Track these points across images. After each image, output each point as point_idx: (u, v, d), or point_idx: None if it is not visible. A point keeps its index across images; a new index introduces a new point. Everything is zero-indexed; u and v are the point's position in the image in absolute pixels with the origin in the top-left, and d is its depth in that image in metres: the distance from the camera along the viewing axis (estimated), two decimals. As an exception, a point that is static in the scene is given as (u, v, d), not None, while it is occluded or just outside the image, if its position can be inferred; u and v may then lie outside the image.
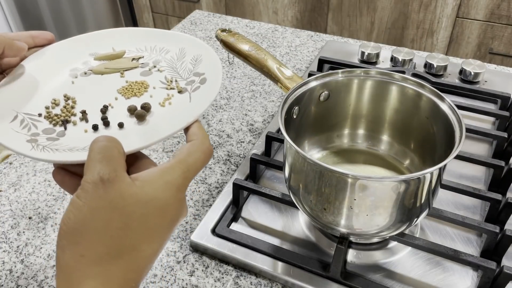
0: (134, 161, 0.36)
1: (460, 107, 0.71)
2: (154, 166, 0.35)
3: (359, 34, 1.83)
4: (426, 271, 0.52)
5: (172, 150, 0.73)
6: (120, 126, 0.40)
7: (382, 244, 0.55)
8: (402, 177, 0.45)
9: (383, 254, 0.54)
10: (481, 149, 0.69)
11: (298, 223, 0.58)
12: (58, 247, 0.31)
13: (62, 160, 0.35)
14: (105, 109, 0.42)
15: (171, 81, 0.45)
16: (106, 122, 0.40)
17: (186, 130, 0.37)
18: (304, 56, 0.96)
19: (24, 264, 0.56)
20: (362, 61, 0.90)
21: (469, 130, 0.67)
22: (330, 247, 0.55)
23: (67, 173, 0.36)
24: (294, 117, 0.55)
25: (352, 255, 0.54)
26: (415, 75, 0.80)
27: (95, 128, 0.40)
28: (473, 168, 0.64)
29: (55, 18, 2.09)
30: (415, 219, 0.48)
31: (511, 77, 0.84)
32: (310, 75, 0.65)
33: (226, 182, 0.66)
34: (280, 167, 0.62)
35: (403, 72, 0.80)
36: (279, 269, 0.53)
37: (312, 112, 0.58)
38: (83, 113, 0.42)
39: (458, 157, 0.61)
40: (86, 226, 0.30)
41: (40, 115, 0.41)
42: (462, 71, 0.83)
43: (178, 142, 0.74)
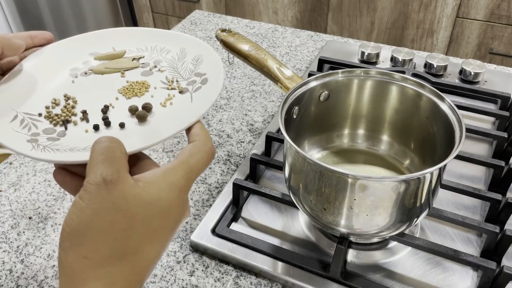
0: (135, 161, 0.36)
1: (460, 107, 0.71)
2: (156, 167, 0.35)
3: (359, 34, 1.83)
4: (426, 271, 0.52)
5: (172, 150, 0.73)
6: (121, 126, 0.40)
7: (382, 244, 0.55)
8: (402, 177, 0.45)
9: (383, 254, 0.54)
10: (481, 149, 0.69)
11: (298, 223, 0.58)
12: (61, 249, 0.30)
13: (63, 160, 0.35)
14: (106, 109, 0.42)
15: (172, 81, 0.45)
16: (107, 122, 0.40)
17: (188, 130, 0.37)
18: (304, 56, 0.96)
19: (24, 264, 0.56)
20: (362, 61, 0.90)
21: (469, 130, 0.67)
22: (330, 247, 0.55)
23: (68, 173, 0.36)
24: (294, 117, 0.55)
25: (352, 255, 0.54)
26: (415, 75, 0.80)
27: (96, 128, 0.40)
28: (473, 168, 0.64)
29: (55, 18, 2.10)
30: (415, 219, 0.48)
31: (511, 77, 0.84)
32: (310, 75, 0.65)
33: (226, 182, 0.66)
34: (280, 167, 0.62)
35: (403, 72, 0.80)
36: (279, 269, 0.53)
37: (312, 112, 0.58)
38: (84, 113, 0.41)
39: (458, 157, 0.61)
40: (89, 227, 0.30)
41: (40, 115, 0.41)
42: (462, 71, 0.83)
43: (178, 142, 0.74)
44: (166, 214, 0.32)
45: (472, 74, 0.82)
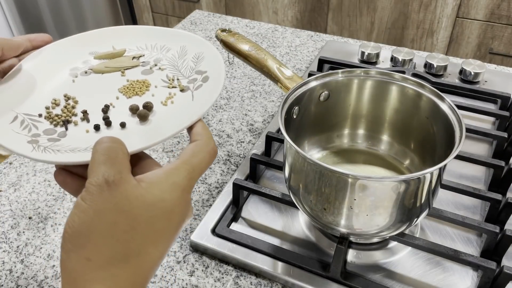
0: (137, 161, 0.35)
1: (460, 107, 0.71)
2: (157, 167, 0.35)
3: (359, 34, 1.83)
4: (426, 271, 0.52)
5: (172, 150, 0.73)
6: (122, 126, 0.40)
7: (382, 244, 0.55)
8: (402, 177, 0.45)
9: (383, 254, 0.54)
10: (481, 149, 0.69)
11: (298, 223, 0.58)
12: (63, 250, 0.30)
13: (64, 161, 0.35)
14: (106, 108, 0.41)
15: (173, 79, 0.45)
16: (108, 122, 0.40)
17: (190, 129, 0.37)
18: (304, 56, 0.96)
19: (24, 264, 0.56)
20: (362, 61, 0.90)
21: (469, 130, 0.67)
22: (330, 247, 0.55)
23: (69, 174, 0.36)
24: (294, 117, 0.55)
25: (352, 255, 0.54)
26: (415, 75, 0.80)
27: (97, 128, 0.40)
28: (473, 168, 0.64)
29: (55, 18, 2.10)
30: (415, 219, 0.48)
31: (511, 77, 0.84)
32: (310, 75, 0.65)
33: (226, 182, 0.66)
34: (280, 167, 0.62)
35: (403, 72, 0.80)
36: (279, 269, 0.53)
37: (312, 112, 0.58)
38: (84, 113, 0.41)
39: (458, 157, 0.61)
40: (91, 229, 0.29)
41: (40, 116, 0.41)
42: (462, 71, 0.83)
43: (178, 142, 0.74)
44: (169, 215, 0.32)
45: (472, 74, 0.82)
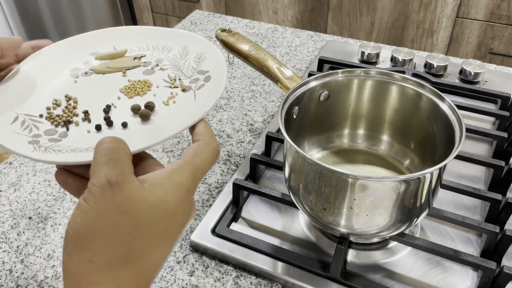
0: (138, 161, 0.35)
1: (460, 107, 0.71)
2: (160, 167, 0.35)
3: (359, 34, 1.83)
4: (426, 271, 0.52)
5: (172, 150, 0.73)
6: (123, 126, 0.39)
7: (382, 244, 0.55)
8: (402, 177, 0.45)
9: (383, 254, 0.54)
10: (481, 149, 0.69)
11: (298, 223, 0.58)
12: (65, 252, 0.30)
13: (65, 161, 0.35)
14: (108, 108, 0.41)
15: (175, 79, 0.44)
16: (109, 122, 0.40)
17: (192, 129, 0.36)
18: (304, 56, 0.96)
19: (24, 264, 0.56)
20: (362, 61, 0.90)
21: (469, 130, 0.67)
22: (330, 247, 0.55)
23: (70, 174, 0.36)
24: (294, 117, 0.55)
25: (352, 255, 0.54)
26: (415, 75, 0.80)
27: (98, 128, 0.39)
28: (473, 168, 0.64)
29: (55, 18, 2.10)
30: (415, 219, 0.48)
31: (511, 77, 0.84)
32: (310, 75, 0.65)
33: (226, 182, 0.66)
34: (280, 167, 0.62)
35: (403, 72, 0.80)
36: (279, 269, 0.53)
37: (312, 112, 0.58)
38: (86, 113, 0.41)
39: (458, 157, 0.61)
40: (94, 230, 0.29)
41: (41, 116, 0.41)
42: (462, 71, 0.83)
43: (178, 142, 0.74)
44: (173, 216, 0.32)
45: (472, 74, 0.82)
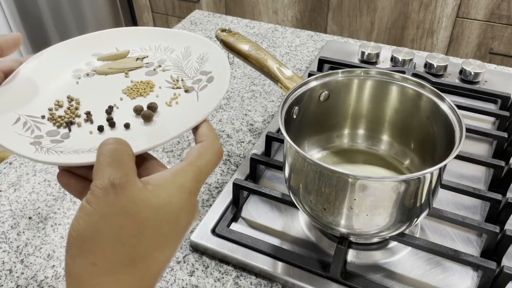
0: (141, 162, 0.35)
1: (460, 107, 0.71)
2: (162, 168, 0.35)
3: (359, 34, 1.83)
4: (426, 271, 0.52)
5: (172, 150, 0.73)
6: (126, 127, 0.39)
7: (382, 244, 0.55)
8: (402, 177, 0.45)
9: (383, 254, 0.54)
10: (481, 149, 0.69)
11: (298, 223, 0.58)
12: (68, 255, 0.29)
13: (68, 162, 0.34)
14: (110, 109, 0.41)
15: (177, 80, 0.44)
16: (111, 123, 0.39)
17: (195, 130, 0.36)
18: (304, 56, 0.96)
19: (24, 264, 0.56)
20: (362, 61, 0.90)
21: (469, 130, 0.67)
22: (330, 247, 0.55)
23: (72, 175, 0.35)
24: (294, 117, 0.55)
25: (352, 255, 0.54)
26: (415, 75, 0.80)
27: (101, 129, 0.39)
28: (473, 168, 0.64)
29: (55, 18, 2.10)
30: (415, 219, 0.48)
31: (511, 77, 0.84)
32: (310, 75, 0.65)
33: (226, 182, 0.66)
34: (280, 167, 0.62)
35: (403, 72, 0.80)
36: (279, 269, 0.53)
37: (312, 112, 0.58)
38: (88, 114, 0.41)
39: (458, 157, 0.61)
40: (97, 233, 0.29)
41: (43, 117, 0.40)
42: (462, 71, 0.83)
43: (178, 142, 0.74)
44: (176, 218, 0.31)
45: (472, 74, 0.82)
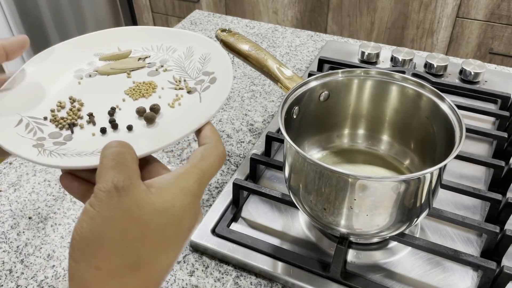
0: (144, 164, 0.35)
1: (460, 107, 0.71)
2: (166, 170, 0.35)
3: (359, 34, 1.83)
4: (426, 271, 0.52)
5: (171, 150, 0.73)
6: (129, 128, 0.39)
7: (382, 244, 0.55)
8: (402, 177, 0.45)
9: (383, 254, 0.54)
10: (481, 149, 0.69)
11: (298, 223, 0.58)
12: (71, 258, 0.29)
13: (71, 165, 0.34)
14: (112, 111, 0.41)
15: (180, 80, 0.44)
16: (114, 125, 0.39)
17: (198, 132, 0.36)
18: (304, 56, 0.96)
19: (24, 264, 0.56)
20: (362, 61, 0.90)
21: (469, 130, 0.67)
22: (330, 247, 0.55)
23: (75, 178, 0.35)
24: (294, 117, 0.55)
25: (352, 255, 0.54)
26: (415, 75, 0.80)
27: (103, 131, 0.39)
28: (473, 168, 0.64)
29: (55, 18, 2.09)
30: (415, 219, 0.48)
31: (511, 77, 0.84)
32: (310, 75, 0.65)
33: (226, 182, 0.66)
34: (280, 167, 0.62)
35: (403, 72, 0.80)
36: (279, 269, 0.53)
37: (312, 112, 0.58)
38: (90, 115, 0.41)
39: (458, 157, 0.61)
40: (101, 236, 0.28)
41: (45, 119, 0.40)
42: (462, 71, 0.83)
43: (178, 142, 0.74)
44: (180, 222, 0.31)
45: (472, 74, 0.82)
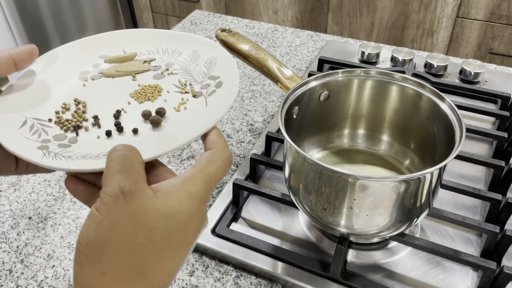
0: (149, 168, 0.34)
1: (460, 107, 0.71)
2: (171, 175, 0.34)
3: (359, 34, 1.83)
4: (426, 271, 0.52)
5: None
6: (134, 132, 0.39)
7: (382, 244, 0.55)
8: (402, 177, 0.44)
9: (383, 254, 0.54)
10: (481, 149, 0.69)
11: (298, 223, 0.58)
12: (76, 263, 0.29)
13: (77, 168, 0.34)
14: (118, 114, 0.41)
15: (185, 84, 0.44)
16: (119, 128, 0.39)
17: (204, 136, 0.36)
18: (304, 56, 0.96)
19: (24, 264, 0.56)
20: (362, 61, 0.90)
21: (469, 130, 0.67)
22: (330, 247, 0.55)
23: (80, 181, 0.35)
24: (294, 117, 0.55)
25: (352, 255, 0.54)
26: (415, 75, 0.80)
27: (108, 134, 0.39)
28: (473, 168, 0.64)
29: (55, 18, 2.09)
30: (415, 219, 0.48)
31: (511, 77, 0.84)
32: (310, 75, 0.65)
33: (226, 182, 0.66)
34: (280, 167, 0.62)
35: (403, 72, 0.80)
36: (279, 269, 0.53)
37: (312, 112, 0.58)
38: (95, 118, 0.40)
39: (458, 157, 0.61)
40: (107, 241, 0.28)
41: (50, 120, 0.40)
42: (462, 71, 0.83)
43: (178, 142, 0.74)
44: (186, 226, 0.31)
45: (472, 74, 0.82)
